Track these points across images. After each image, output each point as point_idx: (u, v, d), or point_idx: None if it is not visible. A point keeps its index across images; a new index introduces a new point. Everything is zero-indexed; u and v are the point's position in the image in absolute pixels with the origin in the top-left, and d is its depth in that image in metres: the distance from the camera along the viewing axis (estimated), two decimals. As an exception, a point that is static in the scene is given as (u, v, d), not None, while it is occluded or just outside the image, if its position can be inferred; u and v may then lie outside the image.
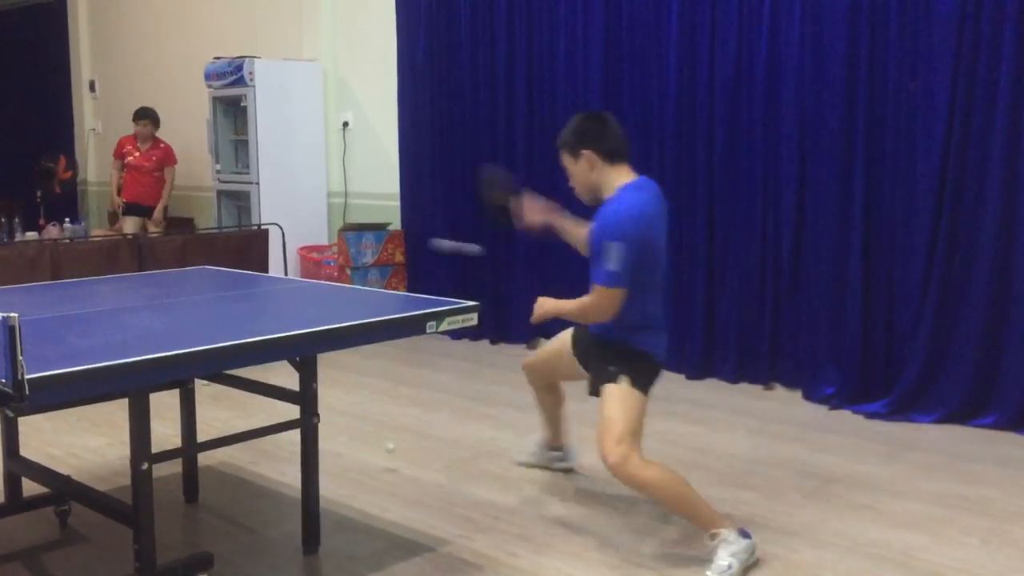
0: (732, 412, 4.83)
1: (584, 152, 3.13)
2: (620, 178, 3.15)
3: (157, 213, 7.88)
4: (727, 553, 3.00)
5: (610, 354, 3.21)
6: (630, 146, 3.23)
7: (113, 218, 8.64)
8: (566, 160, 3.20)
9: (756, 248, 5.24)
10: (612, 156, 3.14)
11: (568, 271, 5.49)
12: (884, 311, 4.82)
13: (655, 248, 3.14)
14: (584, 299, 3.12)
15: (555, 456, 3.95)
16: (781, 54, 5.04)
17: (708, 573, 3.00)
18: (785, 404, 4.99)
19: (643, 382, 3.17)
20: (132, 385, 2.54)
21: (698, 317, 5.47)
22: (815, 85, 4.90)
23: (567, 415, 3.90)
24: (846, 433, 4.48)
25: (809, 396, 5.02)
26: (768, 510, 3.54)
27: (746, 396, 5.15)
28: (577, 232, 3.40)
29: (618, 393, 3.11)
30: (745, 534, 3.07)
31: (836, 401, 4.87)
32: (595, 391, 3.25)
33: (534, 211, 3.46)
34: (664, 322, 3.32)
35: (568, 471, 3.93)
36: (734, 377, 5.36)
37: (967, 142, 4.48)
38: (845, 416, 4.75)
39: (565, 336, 3.55)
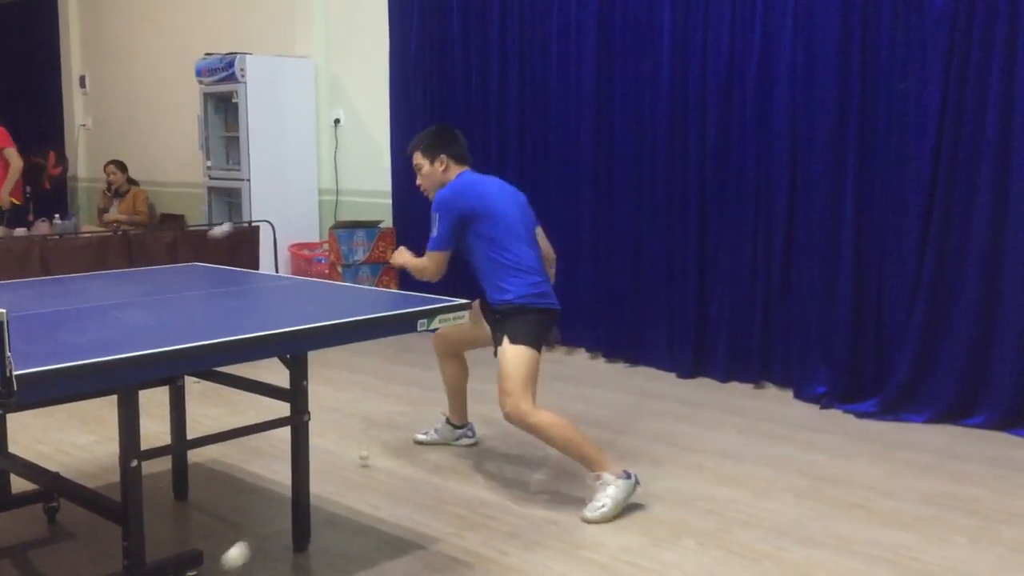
0: (723, 411, 4.83)
1: (440, 156, 3.75)
2: (462, 171, 3.77)
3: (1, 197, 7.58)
4: (604, 495, 3.42)
5: (496, 315, 3.67)
6: (471, 155, 3.88)
7: (102, 215, 8.60)
8: (421, 161, 3.79)
9: (747, 247, 5.24)
10: (461, 160, 3.78)
11: (562, 270, 5.48)
12: (875, 311, 4.83)
13: (492, 211, 3.63)
14: (420, 259, 3.79)
15: (459, 434, 4.25)
16: (773, 54, 5.05)
17: (585, 512, 3.40)
18: (776, 403, 5.00)
19: (523, 336, 3.56)
20: (121, 382, 2.53)
21: (689, 316, 5.47)
22: (807, 85, 4.91)
23: (468, 392, 4.21)
24: (836, 432, 4.49)
25: (800, 395, 5.03)
26: (758, 509, 3.55)
27: (737, 395, 5.16)
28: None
29: (509, 352, 3.53)
30: (627, 474, 3.47)
31: (827, 400, 4.88)
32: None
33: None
34: (536, 270, 3.70)
35: (472, 447, 4.22)
36: (725, 376, 5.37)
37: (958, 143, 4.49)
38: (836, 415, 4.76)
39: (476, 303, 3.86)
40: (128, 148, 9.04)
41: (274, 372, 3.21)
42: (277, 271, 6.43)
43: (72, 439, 4.36)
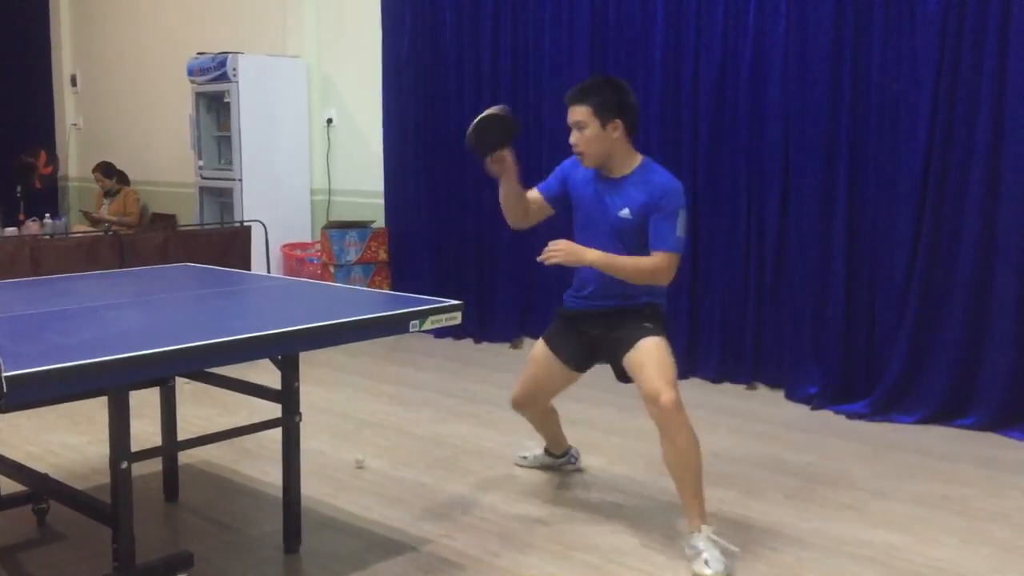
0: (715, 411, 4.83)
1: (616, 121, 3.19)
2: (634, 153, 3.28)
3: None
4: (718, 552, 3.01)
5: (641, 315, 3.30)
6: None
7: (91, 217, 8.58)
8: (588, 119, 3.19)
9: (739, 248, 5.25)
10: (633, 130, 3.26)
11: (553, 269, 5.47)
12: (866, 312, 4.84)
13: None
14: (646, 260, 3.18)
15: (562, 462, 3.95)
16: (766, 53, 5.06)
17: (707, 572, 2.97)
18: (767, 404, 5.00)
19: (666, 336, 3.31)
20: (112, 383, 2.52)
21: (681, 316, 5.47)
22: (799, 85, 4.92)
23: (561, 421, 3.90)
24: (828, 433, 4.50)
25: (791, 396, 5.04)
26: (750, 509, 3.55)
27: (729, 396, 5.17)
28: (515, 190, 3.39)
29: (660, 345, 3.22)
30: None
31: (818, 401, 4.89)
32: (622, 373, 3.34)
33: (504, 162, 3.29)
34: None
35: (578, 471, 3.96)
36: (717, 376, 5.38)
37: (950, 142, 4.51)
38: (827, 416, 4.77)
39: (539, 355, 3.54)
40: (119, 148, 9.02)
41: (265, 373, 3.20)
42: (269, 271, 6.41)
43: (62, 440, 4.34)
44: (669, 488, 3.73)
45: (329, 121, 7.41)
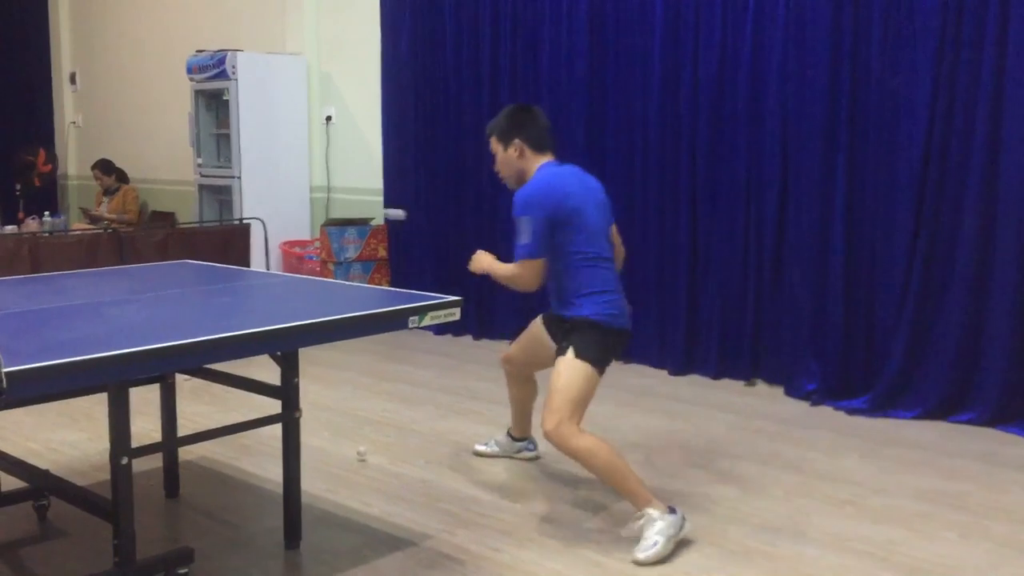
0: (714, 408, 4.84)
1: (515, 141, 3.37)
2: (538, 166, 3.38)
3: None
4: (653, 532, 3.11)
5: (563, 329, 3.35)
6: (555, 138, 3.50)
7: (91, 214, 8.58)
8: (496, 147, 3.44)
9: (738, 244, 5.25)
10: (539, 146, 3.40)
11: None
12: (865, 308, 4.85)
13: (578, 219, 3.26)
14: (510, 266, 3.34)
15: (520, 447, 4.06)
16: (765, 51, 5.06)
17: (636, 553, 3.09)
18: (767, 400, 5.01)
19: (590, 353, 3.24)
20: (112, 379, 2.52)
21: (681, 313, 5.48)
22: (798, 81, 4.92)
23: (536, 408, 3.94)
24: (827, 429, 4.50)
25: (791, 392, 5.04)
26: (749, 505, 3.56)
27: (728, 392, 5.17)
28: None
29: (566, 366, 3.24)
30: (672, 510, 3.18)
31: (817, 397, 4.89)
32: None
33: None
34: (615, 288, 3.37)
35: (534, 459, 4.04)
36: (716, 373, 5.38)
37: (948, 139, 4.51)
38: (826, 412, 4.77)
39: (537, 320, 3.67)
40: (118, 145, 9.01)
41: (265, 369, 3.21)
42: (268, 269, 6.41)
43: (62, 437, 4.34)
44: (668, 485, 3.74)
45: (328, 119, 7.41)
